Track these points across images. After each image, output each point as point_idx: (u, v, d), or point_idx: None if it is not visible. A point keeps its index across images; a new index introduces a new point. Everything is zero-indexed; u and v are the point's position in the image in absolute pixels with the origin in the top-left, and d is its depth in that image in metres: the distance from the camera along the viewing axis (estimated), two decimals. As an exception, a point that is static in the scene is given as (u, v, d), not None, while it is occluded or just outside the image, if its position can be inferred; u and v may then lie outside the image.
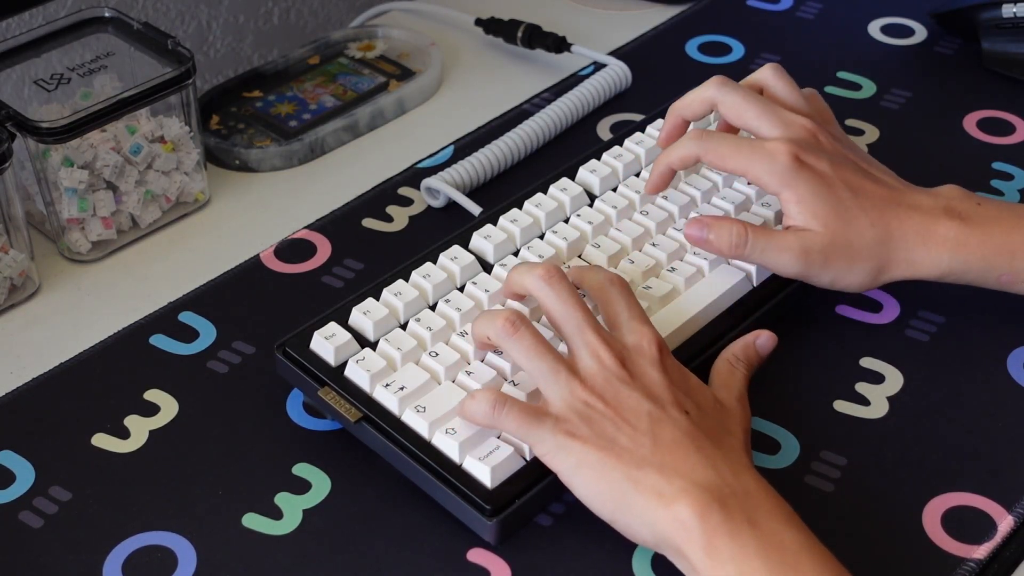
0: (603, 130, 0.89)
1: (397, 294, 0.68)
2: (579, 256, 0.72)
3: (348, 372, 0.65)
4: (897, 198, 0.68)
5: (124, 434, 0.68)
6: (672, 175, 0.72)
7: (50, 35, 0.81)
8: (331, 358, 0.66)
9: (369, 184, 0.85)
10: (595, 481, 0.58)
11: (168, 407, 0.69)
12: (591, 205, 0.76)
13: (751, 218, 0.74)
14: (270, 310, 0.75)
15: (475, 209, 0.80)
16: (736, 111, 0.70)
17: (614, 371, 0.60)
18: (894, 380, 0.70)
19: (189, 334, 0.74)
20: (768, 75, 0.74)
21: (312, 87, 0.93)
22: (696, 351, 0.68)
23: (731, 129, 0.75)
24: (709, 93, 0.71)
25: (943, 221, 0.67)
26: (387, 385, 0.64)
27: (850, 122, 0.88)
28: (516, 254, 0.72)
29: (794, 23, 0.99)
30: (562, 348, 0.64)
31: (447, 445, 0.61)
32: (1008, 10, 0.90)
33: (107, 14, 0.83)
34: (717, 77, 0.71)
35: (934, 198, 0.69)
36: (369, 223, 0.81)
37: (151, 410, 0.69)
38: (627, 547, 0.61)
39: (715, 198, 0.75)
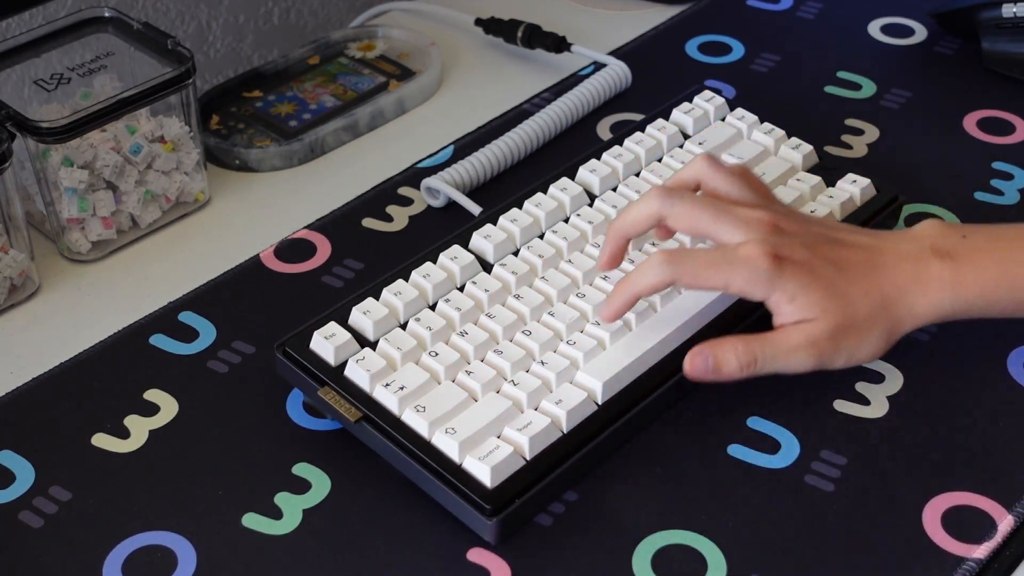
0: (603, 130, 0.89)
1: (397, 294, 0.68)
2: (580, 252, 0.72)
3: (348, 372, 0.65)
4: (880, 256, 0.66)
5: (124, 434, 0.68)
6: (635, 302, 0.67)
7: (50, 35, 0.81)
8: (331, 358, 0.66)
9: (369, 184, 0.85)
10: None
11: (168, 407, 0.69)
12: (591, 205, 0.76)
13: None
14: (270, 310, 0.75)
15: (475, 209, 0.80)
16: (688, 222, 0.66)
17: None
18: (894, 380, 0.70)
19: (189, 334, 0.74)
20: (702, 169, 0.69)
21: (312, 87, 0.93)
22: (696, 351, 0.68)
23: (669, 232, 0.71)
24: (653, 207, 0.66)
25: (934, 263, 0.66)
26: (387, 385, 0.64)
27: (850, 122, 0.88)
28: (516, 254, 0.72)
29: (794, 23, 0.99)
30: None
31: (447, 445, 0.62)
32: (1008, 10, 0.90)
33: (107, 14, 0.83)
34: (656, 188, 0.67)
35: (917, 242, 0.67)
36: (369, 223, 0.81)
37: (151, 410, 0.69)
38: (627, 547, 0.61)
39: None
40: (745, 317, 0.70)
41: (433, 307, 0.69)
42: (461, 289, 0.70)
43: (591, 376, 0.65)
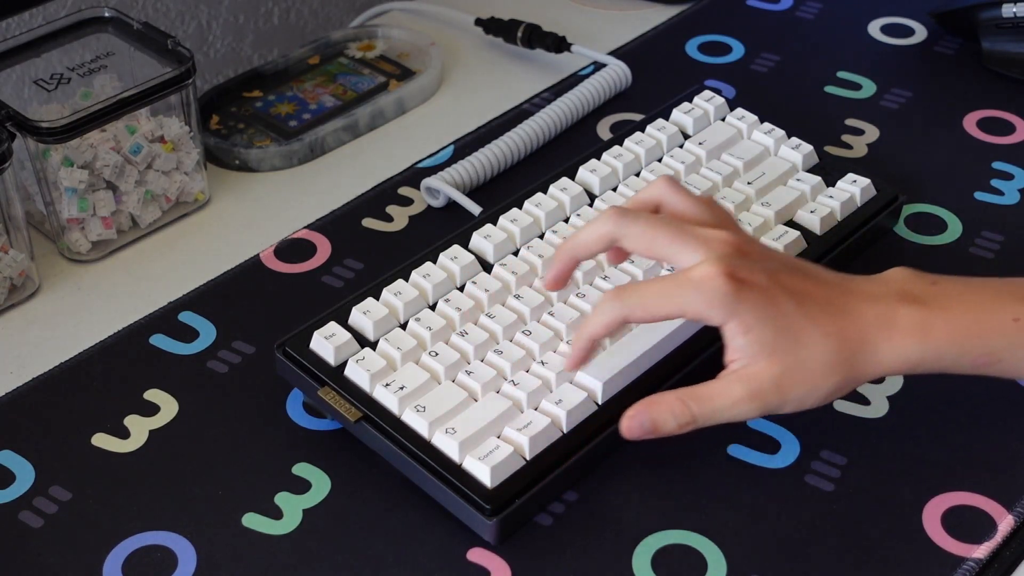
0: (603, 130, 0.89)
1: (397, 294, 0.68)
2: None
3: (348, 372, 0.65)
4: (844, 295, 0.61)
5: (124, 434, 0.68)
6: (596, 346, 0.63)
7: (50, 35, 0.81)
8: (331, 358, 0.66)
9: (369, 184, 0.85)
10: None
11: (168, 407, 0.69)
12: (591, 205, 0.76)
13: (751, 218, 0.74)
14: (270, 310, 0.75)
15: (475, 209, 0.80)
16: (644, 243, 0.61)
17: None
18: (894, 380, 0.70)
19: (189, 334, 0.74)
20: (663, 189, 0.64)
21: (312, 87, 0.93)
22: (696, 351, 0.68)
23: (621, 255, 0.68)
24: (607, 229, 0.62)
25: (901, 308, 0.60)
26: (387, 385, 0.64)
27: (850, 122, 0.88)
28: (516, 254, 0.72)
29: (794, 23, 0.99)
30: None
31: (447, 445, 0.62)
32: (1008, 10, 0.90)
33: (107, 14, 0.83)
34: (610, 208, 0.62)
35: (884, 285, 0.62)
36: (369, 223, 0.81)
37: (151, 410, 0.69)
38: (627, 547, 0.61)
39: (715, 198, 0.75)
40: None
41: (433, 307, 0.69)
42: (461, 289, 0.70)
43: (591, 376, 0.65)
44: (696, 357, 0.68)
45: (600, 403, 0.64)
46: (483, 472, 0.60)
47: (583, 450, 0.63)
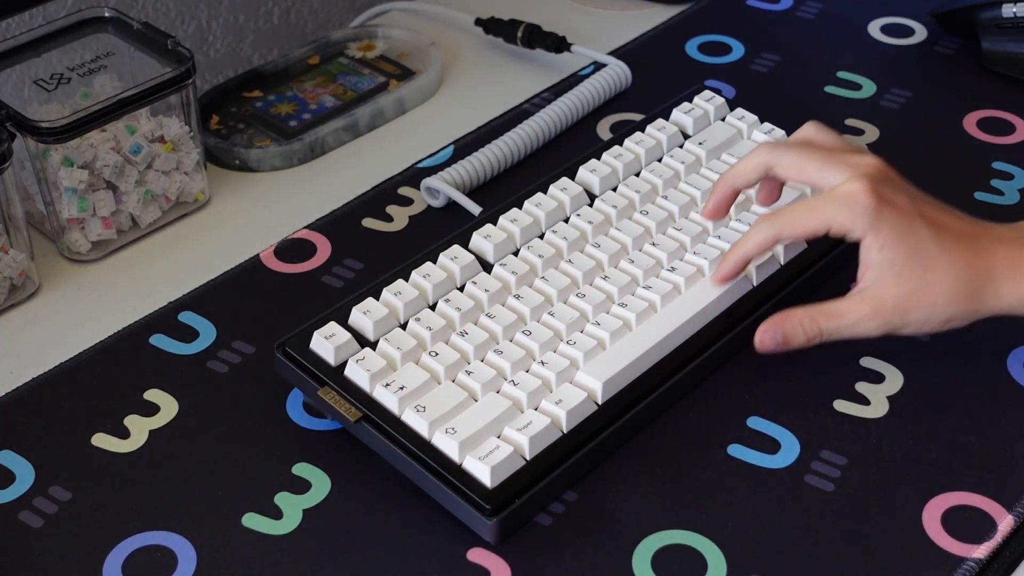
0: (603, 130, 0.89)
1: (397, 294, 0.68)
2: (580, 252, 0.72)
3: (348, 372, 0.65)
4: (978, 232, 0.66)
5: (124, 434, 0.68)
6: (747, 265, 0.69)
7: (50, 35, 0.81)
8: (331, 358, 0.66)
9: (369, 184, 0.85)
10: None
11: (168, 407, 0.69)
12: (591, 205, 0.76)
13: (751, 218, 0.73)
14: (270, 310, 0.75)
15: (475, 209, 0.80)
16: (796, 169, 0.67)
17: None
18: (894, 380, 0.70)
19: (189, 334, 0.74)
20: (812, 131, 0.71)
21: (312, 87, 0.93)
22: (696, 351, 0.68)
23: (773, 193, 0.72)
24: (762, 158, 0.68)
25: None
26: (387, 385, 0.64)
27: (850, 122, 0.88)
28: (516, 254, 0.72)
29: (794, 23, 0.99)
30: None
31: (447, 445, 0.62)
32: (1008, 10, 0.90)
33: (107, 14, 0.83)
34: (765, 143, 0.69)
35: (1019, 231, 0.67)
36: (369, 223, 0.81)
37: (151, 410, 0.69)
38: (627, 547, 0.61)
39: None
40: (745, 317, 0.70)
41: (433, 307, 0.69)
42: (461, 289, 0.70)
43: (591, 376, 0.65)
44: (696, 358, 0.68)
45: (600, 403, 0.64)
46: (483, 472, 0.60)
47: (583, 450, 0.63)
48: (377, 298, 0.69)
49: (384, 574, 0.61)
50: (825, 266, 0.74)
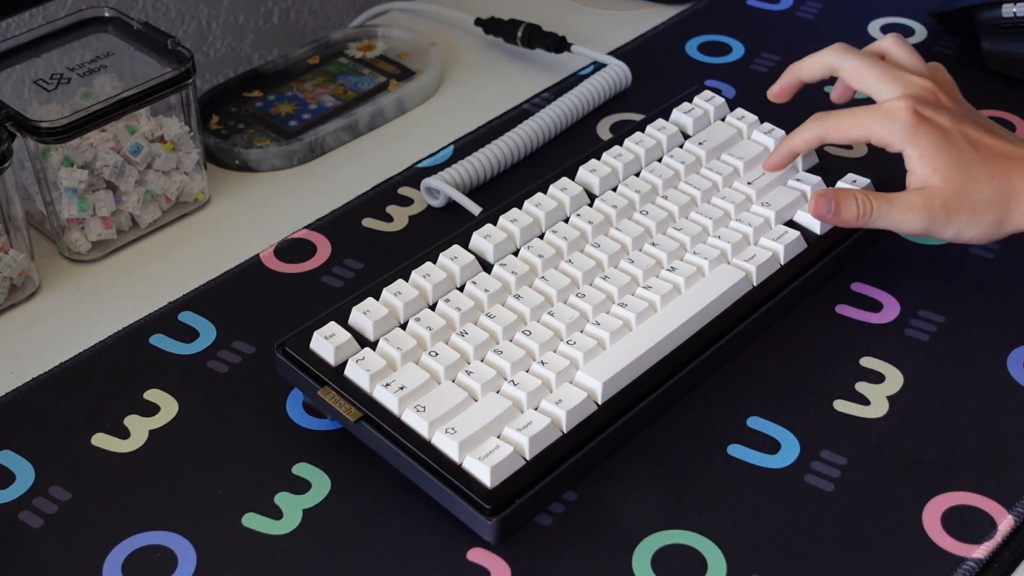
0: (603, 130, 0.89)
1: (397, 294, 0.68)
2: (580, 252, 0.72)
3: (348, 372, 0.65)
4: (1018, 153, 0.69)
5: (124, 434, 0.68)
6: (794, 158, 0.75)
7: (50, 35, 0.81)
8: (331, 358, 0.66)
9: (369, 184, 0.85)
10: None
11: (168, 407, 0.69)
12: (591, 205, 0.76)
13: (751, 218, 0.74)
14: (270, 310, 0.75)
15: (475, 209, 0.80)
16: (856, 75, 0.72)
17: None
18: (894, 380, 0.70)
19: (189, 334, 0.74)
20: (889, 44, 0.75)
21: (312, 87, 0.93)
22: (696, 351, 0.68)
23: (846, 96, 0.78)
24: (830, 60, 0.73)
25: None
26: (387, 385, 0.64)
27: (850, 122, 0.88)
28: (516, 254, 0.72)
29: (794, 23, 0.99)
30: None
31: (447, 445, 0.62)
32: (1008, 10, 0.90)
33: (107, 14, 0.83)
34: (839, 44, 0.73)
35: None
36: (369, 223, 0.81)
37: (151, 410, 0.69)
38: (627, 547, 0.61)
39: (715, 198, 0.75)
40: (745, 317, 0.70)
41: (433, 307, 0.69)
42: (461, 289, 0.70)
43: (591, 376, 0.65)
44: (696, 357, 0.68)
45: (600, 403, 0.64)
46: (483, 472, 0.60)
47: (583, 450, 0.63)
48: (377, 298, 0.69)
49: (384, 574, 0.61)
50: (825, 266, 0.74)
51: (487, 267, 0.71)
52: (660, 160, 0.79)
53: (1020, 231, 0.69)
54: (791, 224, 0.75)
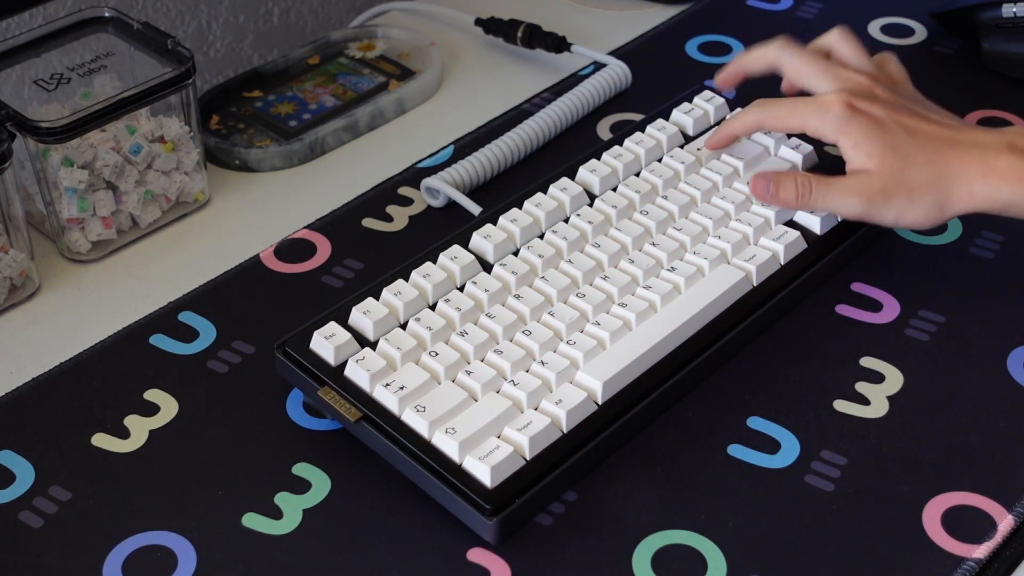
0: (603, 130, 0.89)
1: (397, 294, 0.68)
2: (580, 252, 0.72)
3: (348, 372, 0.65)
4: (956, 136, 0.70)
5: (124, 434, 0.68)
6: (733, 140, 0.77)
7: (50, 35, 0.81)
8: (331, 358, 0.66)
9: (369, 184, 0.85)
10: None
11: (168, 407, 0.69)
12: (591, 205, 0.76)
13: (751, 218, 0.74)
14: (270, 310, 0.75)
15: (475, 209, 0.80)
16: (795, 71, 0.74)
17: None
18: (894, 380, 0.70)
19: (189, 334, 0.74)
20: (834, 39, 0.76)
21: (312, 87, 0.93)
22: (696, 351, 0.68)
23: (794, 90, 0.78)
24: (772, 54, 0.75)
25: (1004, 156, 0.68)
26: (387, 385, 0.64)
27: (850, 122, 0.88)
28: (516, 254, 0.72)
29: (794, 23, 0.99)
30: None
31: (447, 445, 0.62)
32: (1008, 10, 0.90)
33: (107, 14, 0.83)
34: (781, 38, 0.75)
35: (998, 136, 0.70)
36: (369, 223, 0.81)
37: (151, 410, 0.69)
38: (627, 547, 0.61)
39: (715, 198, 0.75)
40: (745, 317, 0.70)
41: (433, 307, 0.69)
42: (461, 289, 0.70)
43: (591, 376, 0.65)
44: (696, 357, 0.68)
45: (600, 403, 0.65)
46: (483, 472, 0.60)
47: (583, 450, 0.63)
48: (377, 298, 0.69)
49: (384, 574, 0.61)
50: (825, 266, 0.74)
51: (487, 267, 0.71)
52: (660, 160, 0.79)
53: (962, 213, 0.70)
54: (791, 224, 0.75)
